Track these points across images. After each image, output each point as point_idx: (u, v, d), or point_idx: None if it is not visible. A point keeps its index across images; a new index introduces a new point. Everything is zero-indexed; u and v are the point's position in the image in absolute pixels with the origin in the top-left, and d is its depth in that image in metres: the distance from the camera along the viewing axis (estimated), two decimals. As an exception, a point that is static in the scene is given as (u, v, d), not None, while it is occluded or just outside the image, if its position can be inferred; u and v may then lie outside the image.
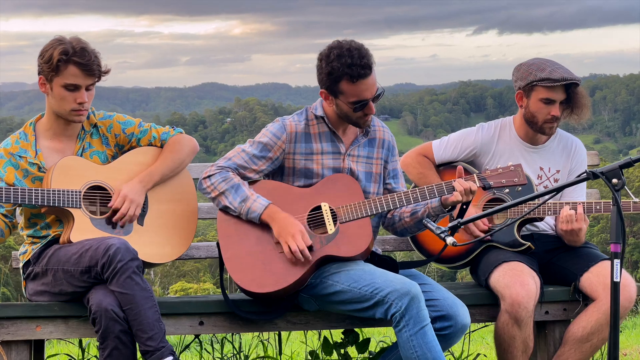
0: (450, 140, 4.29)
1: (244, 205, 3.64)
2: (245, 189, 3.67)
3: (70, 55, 3.57)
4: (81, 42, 3.62)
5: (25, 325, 3.64)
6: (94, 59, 3.61)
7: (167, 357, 3.40)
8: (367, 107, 3.68)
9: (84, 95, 3.62)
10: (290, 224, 3.59)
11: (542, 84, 4.04)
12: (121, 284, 3.42)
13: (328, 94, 3.72)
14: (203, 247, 4.26)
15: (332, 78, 3.65)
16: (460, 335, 3.66)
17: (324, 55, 3.69)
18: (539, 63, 4.11)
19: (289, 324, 3.84)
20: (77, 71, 3.59)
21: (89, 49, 3.61)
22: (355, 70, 3.60)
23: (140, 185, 3.73)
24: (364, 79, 3.63)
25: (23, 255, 3.75)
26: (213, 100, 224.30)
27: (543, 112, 4.09)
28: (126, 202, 3.66)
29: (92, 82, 3.64)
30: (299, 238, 3.56)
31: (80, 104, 3.62)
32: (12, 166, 3.65)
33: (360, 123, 3.74)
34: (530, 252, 4.09)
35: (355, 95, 3.65)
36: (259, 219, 3.64)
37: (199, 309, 3.78)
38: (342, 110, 3.71)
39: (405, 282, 3.50)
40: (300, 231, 3.58)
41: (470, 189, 3.63)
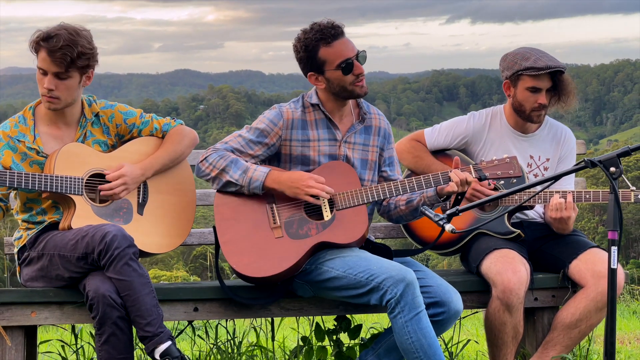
0: (442, 128, 4.33)
1: (245, 176, 3.66)
2: (243, 162, 3.69)
3: (42, 39, 3.58)
4: (64, 30, 3.58)
5: (20, 311, 3.64)
6: (63, 47, 3.54)
7: (166, 342, 3.41)
8: (354, 67, 3.71)
9: (51, 82, 3.59)
10: (296, 178, 3.65)
11: (527, 72, 4.09)
12: (118, 270, 3.42)
13: (317, 75, 3.75)
14: (195, 234, 4.27)
15: (309, 51, 3.71)
16: (453, 321, 3.70)
17: (296, 41, 3.79)
18: (524, 52, 4.16)
19: (282, 310, 3.87)
20: (45, 56, 3.58)
21: (65, 38, 3.55)
22: (327, 31, 3.70)
23: (140, 171, 3.74)
24: (339, 39, 3.71)
25: (18, 241, 3.74)
26: (186, 87, 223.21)
27: (530, 101, 4.14)
28: (120, 180, 3.67)
29: (59, 70, 3.59)
30: (313, 182, 3.63)
31: (47, 90, 3.60)
32: (10, 149, 3.64)
33: (356, 90, 3.76)
34: (520, 239, 4.15)
35: (337, 57, 3.70)
36: (263, 187, 3.66)
37: (193, 295, 3.80)
38: (334, 83, 3.73)
39: (401, 269, 3.53)
40: (309, 177, 3.64)
41: (466, 179, 3.67)
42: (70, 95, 3.66)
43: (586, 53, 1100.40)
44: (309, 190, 3.63)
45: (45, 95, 3.63)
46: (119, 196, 3.68)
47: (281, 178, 3.66)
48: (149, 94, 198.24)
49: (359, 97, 3.82)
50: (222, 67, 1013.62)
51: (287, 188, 3.65)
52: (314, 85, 3.83)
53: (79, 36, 3.59)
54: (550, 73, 4.11)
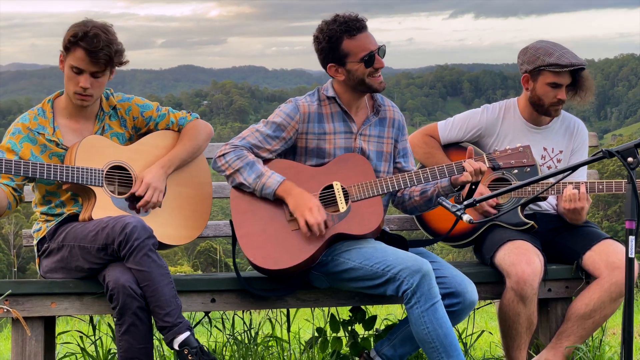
0: (455, 121, 4.36)
1: (259, 181, 3.69)
2: (259, 166, 3.72)
3: (79, 38, 3.58)
4: (99, 29, 3.61)
5: (40, 302, 3.68)
6: (104, 47, 3.58)
7: (185, 332, 3.45)
8: (375, 60, 3.74)
9: (87, 81, 3.63)
10: (306, 198, 3.65)
11: (550, 69, 4.11)
12: (138, 261, 3.46)
13: (337, 66, 3.78)
14: (211, 226, 4.31)
15: (332, 42, 3.74)
16: (468, 311, 3.74)
17: (318, 31, 3.80)
18: (546, 47, 4.17)
19: (298, 301, 3.90)
20: (83, 55, 3.60)
21: (103, 37, 3.59)
22: (352, 24, 3.73)
23: (162, 170, 3.78)
24: (363, 32, 3.75)
25: (37, 233, 3.78)
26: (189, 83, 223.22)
27: (550, 96, 4.17)
28: (150, 190, 3.71)
29: (97, 70, 3.62)
30: (315, 211, 3.62)
31: (82, 89, 3.64)
32: (30, 142, 3.68)
33: (375, 84, 3.79)
34: (533, 231, 4.18)
35: (361, 50, 3.73)
36: (274, 195, 3.69)
37: (210, 286, 3.83)
38: (355, 74, 3.76)
39: (417, 260, 3.57)
40: (316, 205, 3.64)
41: (480, 169, 3.70)
42: (100, 92, 3.73)
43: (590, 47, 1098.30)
44: (307, 216, 3.62)
45: (79, 94, 3.66)
46: (158, 202, 3.74)
47: (292, 191, 3.68)
48: (152, 90, 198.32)
49: (377, 92, 3.85)
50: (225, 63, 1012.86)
51: (292, 202, 3.67)
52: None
53: (112, 34, 3.64)
54: (572, 70, 4.13)
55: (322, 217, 3.63)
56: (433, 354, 3.53)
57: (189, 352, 3.43)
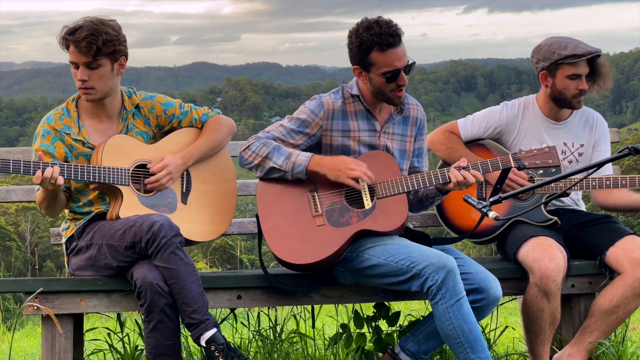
0: (475, 118, 4.38)
1: (289, 161, 3.73)
2: (286, 148, 3.76)
3: (67, 33, 3.67)
4: (87, 22, 3.66)
5: (70, 299, 3.72)
6: (87, 37, 3.62)
7: (211, 329, 3.49)
8: (399, 78, 3.76)
9: (84, 72, 3.67)
10: (339, 162, 3.71)
11: (568, 61, 4.13)
12: (165, 259, 3.50)
13: (361, 70, 3.80)
14: (235, 223, 4.35)
15: (362, 50, 3.74)
16: (492, 307, 3.76)
17: (353, 31, 3.79)
18: (559, 41, 4.19)
19: (323, 297, 3.93)
20: (73, 48, 3.67)
21: (88, 27, 3.63)
22: (385, 39, 3.70)
23: (181, 160, 3.82)
24: (394, 48, 3.73)
25: (66, 231, 3.83)
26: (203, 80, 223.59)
27: (571, 88, 4.19)
28: (164, 170, 3.75)
29: (88, 60, 3.66)
30: (355, 166, 3.69)
31: (81, 82, 3.69)
32: (60, 141, 3.73)
33: (394, 98, 3.82)
34: (556, 227, 4.20)
35: (386, 65, 3.73)
36: (306, 171, 3.73)
37: (237, 283, 3.87)
38: (375, 85, 3.79)
39: (441, 256, 3.59)
40: (351, 161, 3.70)
41: (465, 181, 3.71)
42: (105, 84, 3.73)
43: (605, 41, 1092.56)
44: (351, 173, 3.68)
45: (80, 88, 3.72)
46: (165, 186, 3.76)
47: (324, 161, 3.73)
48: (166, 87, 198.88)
49: (394, 105, 3.87)
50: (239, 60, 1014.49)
51: (329, 171, 3.72)
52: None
53: (103, 24, 3.68)
54: (588, 58, 4.15)
55: (363, 167, 3.69)
56: (458, 350, 3.56)
57: (215, 349, 3.46)
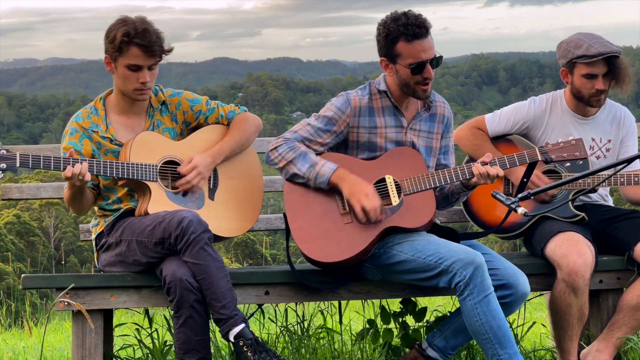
0: (503, 113, 4.38)
1: (312, 170, 3.74)
2: (312, 156, 3.77)
3: (132, 36, 3.66)
4: (144, 23, 3.70)
5: (100, 295, 3.76)
6: (156, 40, 3.69)
7: (240, 325, 3.51)
8: (424, 70, 3.75)
9: (146, 75, 3.72)
10: (360, 185, 3.70)
11: (581, 60, 4.13)
12: (194, 255, 3.53)
13: (387, 62, 3.81)
14: (262, 220, 4.37)
15: (389, 40, 3.76)
16: (520, 303, 3.76)
17: (381, 23, 3.81)
18: (577, 40, 4.19)
19: (351, 293, 3.95)
20: (139, 52, 3.68)
21: (152, 30, 3.69)
22: (411, 29, 3.71)
23: (210, 159, 3.84)
24: (420, 39, 3.73)
25: (95, 228, 3.87)
26: (224, 75, 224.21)
27: (587, 87, 4.18)
28: (194, 172, 3.78)
29: (153, 62, 3.73)
30: (372, 197, 3.67)
31: (142, 84, 3.72)
32: (88, 139, 3.77)
33: (419, 92, 3.81)
34: (584, 222, 4.18)
35: (412, 56, 3.74)
36: (328, 183, 3.74)
37: (264, 279, 3.89)
38: (401, 77, 3.79)
39: (469, 252, 3.60)
40: (371, 191, 3.69)
41: (487, 173, 3.71)
42: (153, 83, 3.81)
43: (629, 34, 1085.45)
44: (363, 201, 3.67)
45: (139, 89, 3.74)
46: (196, 187, 3.79)
47: (346, 178, 3.73)
48: (187, 83, 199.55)
49: (420, 99, 3.87)
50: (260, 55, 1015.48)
51: (346, 190, 3.72)
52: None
53: (152, 25, 3.73)
54: (606, 58, 4.13)
55: (378, 202, 3.67)
56: (486, 346, 3.57)
57: (244, 344, 3.49)
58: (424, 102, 3.95)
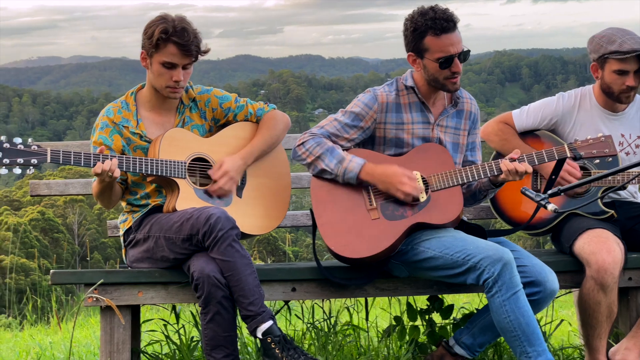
0: (531, 109, 4.35)
1: (341, 166, 3.73)
2: (340, 151, 3.76)
3: (170, 34, 3.67)
4: (183, 22, 3.71)
5: (128, 291, 3.77)
6: (193, 40, 3.70)
7: (268, 321, 3.51)
8: (453, 64, 3.74)
9: (180, 73, 3.73)
10: (390, 174, 3.70)
11: (613, 56, 4.09)
12: (222, 251, 3.53)
13: (415, 57, 3.80)
14: (289, 216, 4.37)
15: (416, 34, 3.75)
16: (549, 300, 3.73)
17: (409, 17, 3.80)
18: (610, 35, 4.15)
19: (377, 290, 3.94)
20: (176, 50, 3.69)
21: (190, 29, 3.70)
22: (439, 23, 3.70)
23: (242, 161, 3.85)
24: (448, 33, 3.72)
25: (123, 224, 3.88)
26: (247, 73, 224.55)
27: (618, 83, 4.14)
28: (225, 177, 3.78)
29: (189, 62, 3.74)
30: (407, 180, 3.68)
31: (175, 82, 3.73)
32: (118, 134, 3.78)
33: (448, 85, 3.80)
34: (613, 219, 4.15)
35: (440, 51, 3.72)
36: (357, 178, 3.73)
37: (291, 275, 3.89)
38: (429, 72, 3.78)
39: (498, 249, 3.57)
40: (403, 174, 3.69)
41: (515, 170, 3.69)
42: (187, 83, 3.83)
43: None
44: (401, 187, 3.68)
45: (171, 87, 3.75)
46: (229, 192, 3.80)
47: (375, 171, 3.72)
48: (210, 80, 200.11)
49: (449, 92, 3.86)
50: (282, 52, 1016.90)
51: (380, 182, 3.72)
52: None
53: (190, 24, 3.74)
54: (638, 55, 4.09)
55: (413, 183, 3.69)
56: (515, 343, 3.54)
57: (272, 341, 3.48)
58: (450, 98, 3.93)
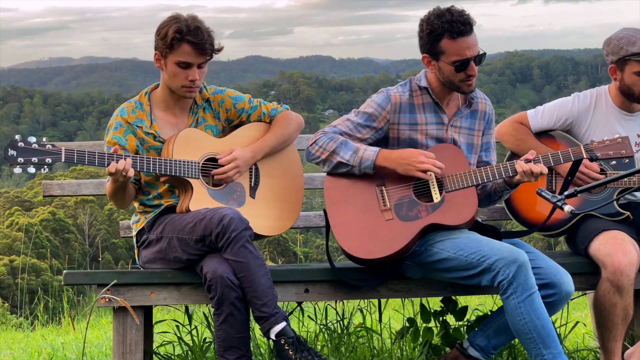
0: (546, 109, 4.32)
1: (356, 156, 3.71)
2: (353, 143, 3.74)
3: (184, 34, 3.66)
4: (196, 21, 3.70)
5: (141, 291, 3.76)
6: (207, 38, 3.69)
7: (281, 323, 3.49)
8: (468, 67, 3.72)
9: (196, 73, 3.72)
10: (406, 156, 3.69)
11: (635, 58, 4.05)
12: (235, 252, 3.51)
13: (430, 59, 3.77)
14: (301, 217, 4.35)
15: (432, 37, 3.71)
16: (564, 303, 3.70)
17: (425, 19, 3.76)
18: (629, 36, 4.10)
19: (391, 291, 3.91)
20: (190, 49, 3.68)
21: (203, 28, 3.69)
22: (456, 26, 3.67)
23: (250, 154, 3.83)
24: (465, 37, 3.69)
25: (136, 224, 3.87)
26: (257, 74, 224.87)
27: (638, 84, 4.10)
28: (232, 163, 3.77)
29: (203, 61, 3.73)
30: (423, 158, 3.66)
31: (191, 82, 3.72)
32: (132, 134, 3.77)
33: (463, 87, 3.78)
34: (628, 221, 4.11)
35: (456, 54, 3.69)
36: (374, 165, 3.71)
37: (304, 276, 3.86)
38: (444, 74, 3.75)
39: (513, 250, 3.55)
40: (420, 153, 3.68)
41: (531, 171, 3.66)
42: (202, 82, 3.81)
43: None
44: (420, 166, 3.66)
45: (187, 87, 3.74)
46: (232, 179, 3.78)
47: (392, 156, 3.70)
48: (220, 81, 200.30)
49: (464, 94, 3.84)
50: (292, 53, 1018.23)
51: (398, 165, 3.69)
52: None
53: (203, 23, 3.73)
54: None
55: (432, 157, 3.66)
56: (530, 345, 3.51)
57: (285, 342, 3.47)
58: (464, 98, 3.91)
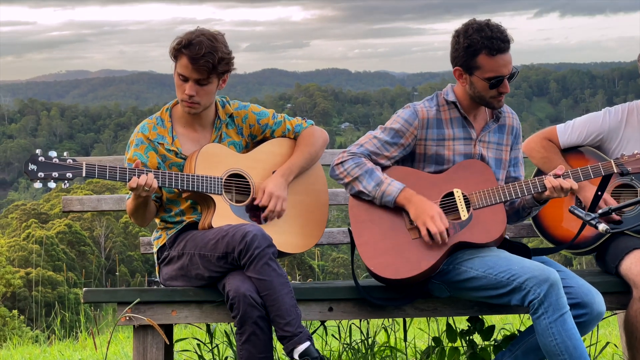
0: (576, 124, 4.22)
1: (379, 189, 3.63)
2: (378, 174, 3.66)
3: (183, 46, 3.60)
4: (203, 36, 3.60)
5: (162, 309, 3.68)
6: (205, 55, 3.57)
7: (305, 342, 3.41)
8: (502, 85, 3.64)
9: (192, 88, 3.62)
10: (427, 206, 3.58)
11: None
12: (258, 270, 3.44)
13: (463, 72, 3.69)
14: (325, 234, 4.26)
15: (470, 52, 3.63)
16: (596, 323, 3.60)
17: (462, 31, 3.67)
18: None
19: (417, 310, 3.82)
20: (187, 63, 3.61)
21: (206, 45, 3.58)
22: (496, 43, 3.59)
23: (282, 179, 3.76)
24: (503, 54, 3.62)
25: (157, 240, 3.80)
26: (273, 86, 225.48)
27: None
28: (273, 199, 3.69)
29: (201, 77, 3.62)
30: (437, 220, 3.54)
31: (188, 96, 3.64)
32: (153, 151, 3.71)
33: (494, 103, 3.70)
34: (660, 239, 4.01)
35: (492, 71, 3.62)
36: (394, 203, 3.63)
37: (328, 295, 3.78)
38: (476, 89, 3.67)
39: (544, 269, 3.45)
40: (438, 213, 3.57)
41: (560, 186, 3.59)
42: (209, 100, 3.71)
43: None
44: (429, 224, 3.55)
45: (185, 101, 3.67)
46: (282, 211, 3.73)
47: (413, 199, 3.61)
48: (237, 94, 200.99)
49: (493, 109, 3.76)
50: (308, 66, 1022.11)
51: (414, 210, 3.60)
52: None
53: (218, 42, 3.62)
54: None
55: (444, 225, 3.55)
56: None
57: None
58: (492, 113, 3.83)
